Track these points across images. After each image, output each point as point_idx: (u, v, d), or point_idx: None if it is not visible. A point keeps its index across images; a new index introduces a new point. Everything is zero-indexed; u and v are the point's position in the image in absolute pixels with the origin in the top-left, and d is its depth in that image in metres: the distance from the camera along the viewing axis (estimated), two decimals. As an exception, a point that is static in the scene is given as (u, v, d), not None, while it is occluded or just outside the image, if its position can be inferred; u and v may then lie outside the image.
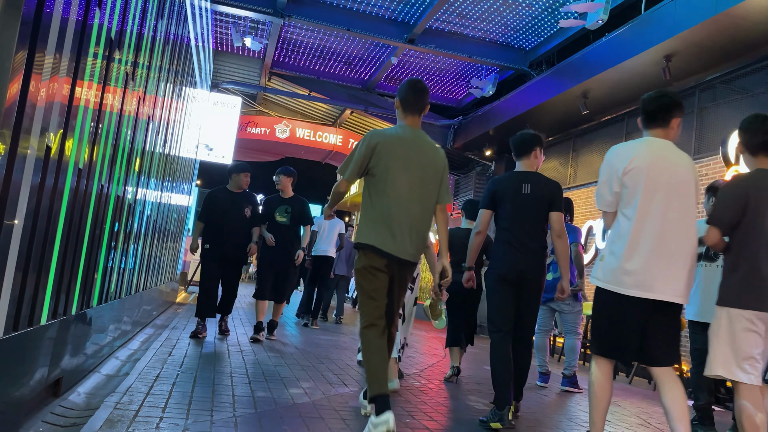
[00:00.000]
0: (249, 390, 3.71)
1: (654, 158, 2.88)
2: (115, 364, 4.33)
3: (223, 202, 6.21)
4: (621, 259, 2.82)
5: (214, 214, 6.18)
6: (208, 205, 6.27)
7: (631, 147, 2.98)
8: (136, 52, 4.25)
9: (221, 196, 6.30)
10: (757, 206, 2.83)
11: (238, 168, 6.39)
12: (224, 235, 6.09)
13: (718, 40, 6.84)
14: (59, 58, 2.45)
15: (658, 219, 2.81)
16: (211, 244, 6.10)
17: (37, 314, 2.60)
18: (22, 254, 2.29)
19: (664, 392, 2.81)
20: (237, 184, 6.33)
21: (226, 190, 6.34)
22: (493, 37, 10.89)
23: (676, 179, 2.85)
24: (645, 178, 2.83)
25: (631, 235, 2.82)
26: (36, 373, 2.65)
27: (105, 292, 4.13)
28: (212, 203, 6.26)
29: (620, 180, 2.90)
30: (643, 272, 2.77)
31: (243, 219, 6.21)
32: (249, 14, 10.31)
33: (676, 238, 2.80)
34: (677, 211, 2.82)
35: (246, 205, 6.26)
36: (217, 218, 6.14)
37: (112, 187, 3.92)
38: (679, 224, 2.82)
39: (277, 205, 6.42)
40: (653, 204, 2.81)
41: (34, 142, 2.26)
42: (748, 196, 2.84)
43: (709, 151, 7.58)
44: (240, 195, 6.32)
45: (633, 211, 2.84)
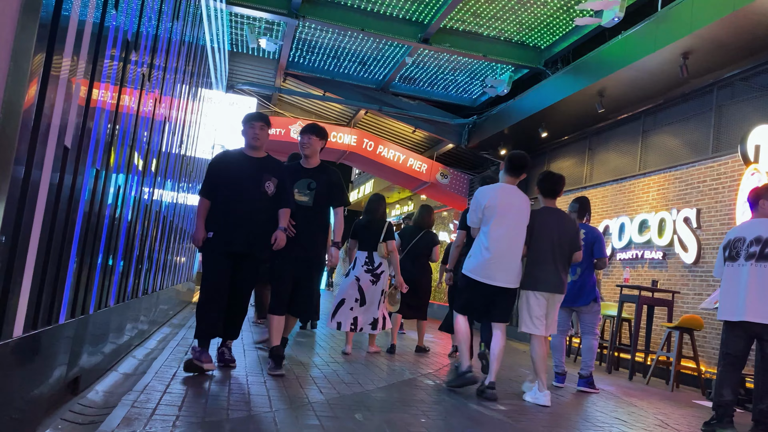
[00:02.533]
0: (264, 389, 3.73)
1: (503, 198, 4.59)
2: (133, 363, 4.37)
3: (235, 170, 4.27)
4: (479, 259, 4.52)
5: (221, 187, 4.24)
6: (213, 174, 4.31)
7: (491, 189, 4.68)
8: (153, 53, 4.29)
9: (232, 161, 4.35)
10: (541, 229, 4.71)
11: (250, 117, 4.46)
12: (234, 218, 4.18)
13: (737, 36, 6.76)
14: (77, 60, 2.48)
15: (503, 235, 4.51)
16: (217, 232, 4.19)
17: (56, 313, 2.63)
18: (41, 254, 2.31)
19: (493, 338, 4.62)
20: (250, 143, 4.36)
21: (241, 153, 4.41)
22: (508, 35, 10.84)
23: (515, 211, 4.58)
24: (497, 210, 4.53)
25: (488, 244, 4.50)
26: (55, 371, 2.69)
27: (122, 292, 4.17)
28: (219, 171, 4.29)
29: (482, 210, 4.58)
30: (490, 269, 4.48)
31: (262, 196, 4.25)
32: (264, 15, 10.35)
33: (512, 248, 4.53)
34: (514, 231, 4.55)
35: (267, 177, 4.27)
36: (225, 194, 4.22)
37: (129, 187, 3.96)
38: (514, 239, 4.55)
39: (296, 178, 4.62)
40: (500, 226, 4.51)
41: (53, 143, 2.29)
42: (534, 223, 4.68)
43: (727, 149, 7.49)
44: (260, 162, 4.33)
45: (488, 229, 4.53)
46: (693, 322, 6.39)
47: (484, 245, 4.51)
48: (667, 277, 8.14)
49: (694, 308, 7.43)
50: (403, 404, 3.85)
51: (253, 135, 4.34)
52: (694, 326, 6.39)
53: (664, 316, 7.64)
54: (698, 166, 7.96)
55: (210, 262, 4.23)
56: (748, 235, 4.29)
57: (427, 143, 15.90)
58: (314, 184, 4.58)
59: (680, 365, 6.53)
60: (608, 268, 9.23)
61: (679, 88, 8.36)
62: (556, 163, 12.00)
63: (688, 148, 8.31)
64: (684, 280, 7.84)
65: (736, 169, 7.20)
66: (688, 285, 7.75)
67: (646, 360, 7.27)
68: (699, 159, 7.98)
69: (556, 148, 11.99)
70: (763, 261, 4.15)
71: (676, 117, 8.70)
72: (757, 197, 4.42)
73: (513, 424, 3.68)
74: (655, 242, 8.44)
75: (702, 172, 7.87)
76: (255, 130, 4.33)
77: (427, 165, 14.89)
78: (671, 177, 8.47)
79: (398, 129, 15.30)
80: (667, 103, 8.82)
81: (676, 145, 8.60)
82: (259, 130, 4.34)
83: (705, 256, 7.55)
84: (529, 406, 4.35)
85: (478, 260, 4.52)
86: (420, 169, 14.83)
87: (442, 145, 15.02)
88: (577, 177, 11.06)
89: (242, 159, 4.34)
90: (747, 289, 4.16)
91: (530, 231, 4.66)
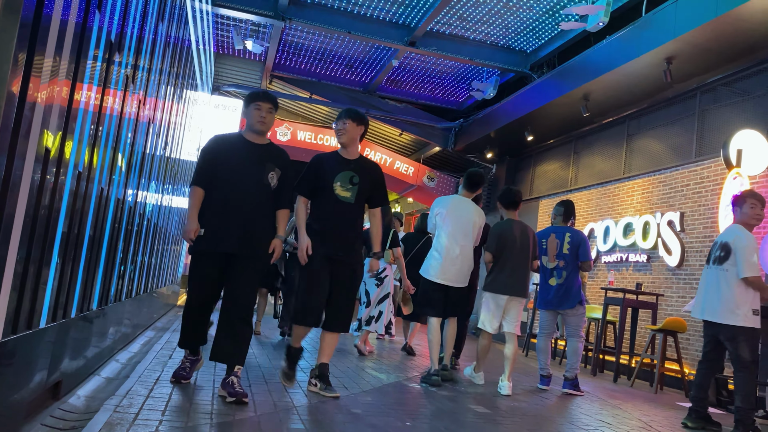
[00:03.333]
0: (249, 393, 3.70)
1: (454, 208, 5.17)
2: (115, 367, 4.32)
3: (234, 156, 3.67)
4: (431, 261, 5.14)
5: (216, 176, 3.64)
6: (208, 160, 3.68)
7: (445, 199, 5.30)
8: (137, 54, 4.26)
9: (231, 146, 3.73)
10: (506, 241, 5.22)
11: (257, 96, 3.77)
12: (230, 213, 3.58)
13: (719, 42, 6.84)
14: (59, 61, 2.45)
15: (452, 241, 5.07)
16: (209, 229, 3.56)
17: (37, 317, 2.59)
18: (21, 257, 2.28)
19: (446, 325, 5.20)
20: (254, 126, 3.74)
21: (241, 137, 3.79)
22: (494, 39, 10.89)
23: (464, 221, 5.14)
24: (448, 219, 5.11)
25: (439, 248, 5.11)
26: (35, 376, 2.65)
27: (105, 295, 4.13)
28: (215, 157, 3.68)
29: (435, 217, 5.18)
30: (441, 270, 5.06)
31: (264, 189, 3.68)
32: (250, 17, 10.32)
33: (462, 252, 5.09)
34: (463, 238, 5.10)
35: (270, 167, 3.70)
36: (220, 184, 3.63)
37: (112, 189, 3.92)
38: (463, 244, 5.09)
39: (338, 170, 3.99)
40: (451, 233, 5.08)
41: (33, 144, 2.26)
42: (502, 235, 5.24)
43: (710, 153, 7.57)
44: (263, 149, 3.75)
45: (440, 234, 5.14)
46: (676, 324, 6.44)
47: (437, 249, 5.13)
48: (651, 280, 8.21)
49: (678, 311, 7.49)
50: (388, 408, 3.84)
51: (259, 118, 3.71)
52: (677, 329, 6.44)
53: (648, 319, 7.69)
54: (682, 170, 8.04)
55: (198, 263, 3.69)
56: (720, 240, 4.60)
57: (413, 146, 15.93)
58: (357, 179, 3.98)
59: (664, 367, 6.57)
60: (593, 271, 9.29)
61: (663, 93, 8.44)
62: (541, 166, 12.06)
63: (672, 152, 8.39)
64: (668, 282, 7.91)
65: (719, 173, 7.28)
66: (672, 288, 7.81)
67: (631, 362, 7.32)
68: (683, 163, 8.06)
69: (541, 152, 12.05)
70: (720, 264, 4.46)
71: (660, 121, 8.78)
72: (737, 203, 4.62)
73: (498, 427, 3.69)
74: (640, 245, 8.51)
75: (685, 176, 7.95)
76: (262, 113, 3.70)
77: (413, 168, 14.92)
78: (655, 180, 8.54)
79: (385, 132, 15.32)
80: (652, 107, 8.90)
81: (660, 149, 8.67)
82: (267, 113, 3.72)
83: (689, 259, 7.62)
84: (514, 409, 4.36)
85: (430, 262, 5.15)
86: (407, 171, 14.85)
87: (429, 148, 15.05)
88: (563, 180, 11.13)
89: (242, 144, 3.73)
90: (707, 290, 4.54)
91: (494, 240, 5.27)
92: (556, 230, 5.69)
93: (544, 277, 5.67)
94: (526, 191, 12.39)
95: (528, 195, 12.29)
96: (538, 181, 12.12)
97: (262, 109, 3.72)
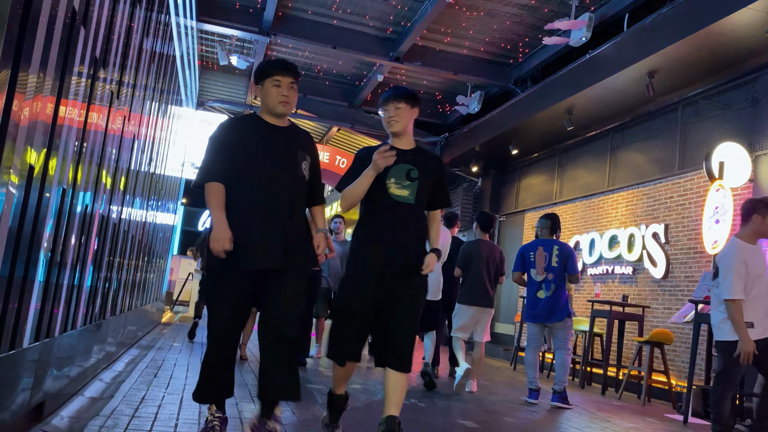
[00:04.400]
0: (236, 411, 3.65)
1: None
2: (100, 387, 4.25)
3: (258, 143, 2.94)
4: None
5: (237, 168, 2.86)
6: (223, 149, 2.89)
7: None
8: (121, 70, 4.23)
9: (251, 130, 2.98)
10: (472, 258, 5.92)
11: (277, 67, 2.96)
12: (266, 218, 2.84)
13: (700, 56, 6.95)
14: (43, 77, 2.43)
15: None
16: (236, 241, 2.75)
17: (20, 336, 2.54)
18: (4, 275, 2.24)
19: None
20: (274, 109, 2.97)
21: (259, 119, 3.02)
22: (479, 54, 10.99)
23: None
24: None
25: None
26: (18, 397, 2.59)
27: (89, 313, 4.07)
28: (233, 144, 2.90)
29: None
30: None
31: (299, 182, 2.98)
32: (235, 33, 10.33)
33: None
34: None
35: (302, 155, 3.02)
36: (243, 179, 2.86)
37: (96, 206, 3.87)
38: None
39: (401, 159, 3.15)
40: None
41: (17, 161, 2.23)
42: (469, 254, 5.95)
43: (693, 166, 7.66)
44: (288, 132, 3.05)
45: None
46: (663, 336, 6.47)
47: None
48: (637, 292, 8.25)
49: (664, 322, 7.53)
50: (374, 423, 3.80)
51: (280, 98, 2.93)
52: (664, 340, 6.47)
53: (634, 331, 7.72)
54: (665, 183, 8.12)
55: (223, 285, 2.81)
56: None
57: (399, 160, 15.94)
58: (416, 173, 3.16)
59: (651, 379, 6.59)
60: (580, 283, 9.32)
61: (645, 106, 8.54)
62: (526, 179, 12.13)
63: (655, 165, 8.48)
64: (653, 294, 7.95)
65: (702, 185, 7.36)
66: (658, 299, 7.86)
67: (618, 374, 7.33)
68: (666, 175, 8.14)
69: (526, 165, 12.13)
70: (713, 280, 4.29)
71: (643, 134, 8.88)
72: (750, 211, 4.21)
73: (488, 442, 3.67)
74: (625, 257, 8.56)
75: (669, 188, 8.03)
76: (282, 90, 2.93)
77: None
78: (639, 193, 8.62)
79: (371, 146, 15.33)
80: (634, 120, 9.00)
81: (643, 162, 8.76)
82: (289, 89, 2.95)
83: (673, 270, 7.68)
84: (503, 423, 4.34)
85: None
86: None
87: (414, 162, 15.05)
88: (547, 193, 11.19)
89: (265, 128, 2.98)
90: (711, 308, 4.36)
91: (462, 257, 5.91)
92: (543, 243, 5.70)
93: (531, 290, 5.68)
94: (512, 204, 12.44)
95: (513, 208, 12.34)
96: (524, 194, 12.18)
97: (282, 86, 2.94)
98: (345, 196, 3.17)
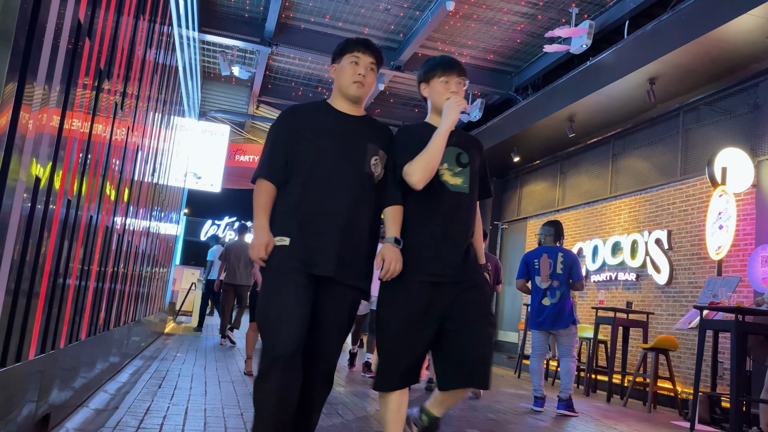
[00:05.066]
0: (242, 421, 3.64)
1: None
2: (104, 398, 4.24)
3: (325, 134, 2.55)
4: None
5: (299, 162, 2.51)
6: (285, 140, 2.54)
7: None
8: (125, 82, 4.25)
9: (318, 119, 2.59)
10: None
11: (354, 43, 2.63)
12: (322, 220, 2.45)
13: (701, 62, 6.96)
14: (49, 90, 2.44)
15: None
16: (297, 237, 2.42)
17: (26, 349, 2.54)
18: (10, 288, 2.24)
19: None
20: (347, 90, 2.59)
21: (328, 107, 2.64)
22: (479, 62, 11.02)
23: None
24: None
25: None
26: (24, 409, 2.59)
27: (94, 324, 4.07)
28: (296, 134, 2.55)
29: None
30: None
31: (367, 181, 2.55)
32: (236, 43, 10.37)
33: None
34: None
35: (374, 149, 2.58)
36: (305, 174, 2.49)
37: (101, 217, 3.88)
38: None
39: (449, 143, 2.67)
40: None
41: (23, 173, 2.24)
42: None
43: (695, 171, 7.66)
44: (361, 123, 2.65)
45: None
46: (668, 342, 6.45)
47: None
48: (641, 299, 8.23)
49: (669, 329, 7.51)
50: None
51: (356, 77, 2.55)
52: (669, 347, 6.45)
53: (639, 337, 7.70)
54: (668, 188, 8.12)
55: (286, 284, 2.33)
56: None
57: (400, 169, 15.96)
58: (466, 157, 2.67)
59: (657, 386, 6.56)
60: (583, 290, 9.31)
61: (646, 113, 8.55)
62: (528, 186, 12.14)
63: (657, 171, 8.48)
64: (657, 300, 7.93)
65: (704, 190, 7.36)
66: (662, 306, 7.84)
67: (623, 381, 7.30)
68: (668, 181, 8.14)
69: (528, 172, 12.14)
70: None
71: (644, 141, 8.89)
72: None
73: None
74: (628, 264, 8.54)
75: (671, 194, 8.03)
76: (360, 69, 2.55)
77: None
78: (642, 199, 8.61)
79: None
80: (636, 127, 9.01)
81: (645, 168, 8.76)
82: (367, 69, 2.57)
83: (677, 276, 7.66)
84: (508, 431, 4.32)
85: None
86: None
87: (416, 170, 15.07)
88: (550, 200, 11.19)
89: (334, 117, 2.58)
90: None
91: None
92: (547, 250, 5.70)
93: (536, 298, 5.67)
94: (514, 212, 12.44)
95: (516, 215, 12.34)
96: (526, 201, 12.18)
97: (360, 64, 2.56)
98: (418, 165, 2.53)
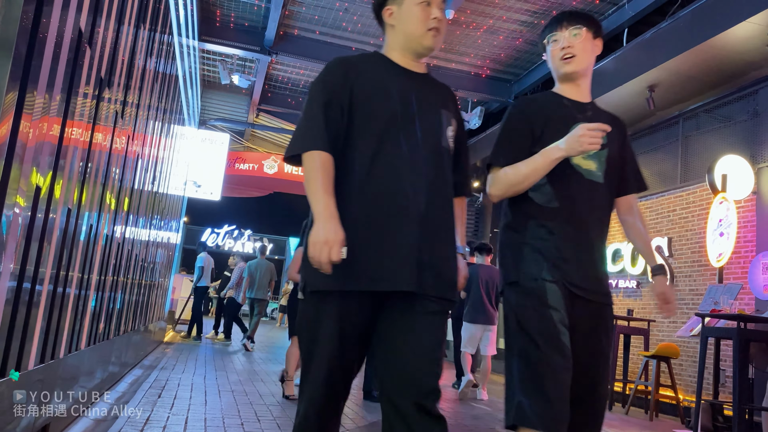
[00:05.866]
0: None
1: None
2: (104, 408, 4.22)
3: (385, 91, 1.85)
4: None
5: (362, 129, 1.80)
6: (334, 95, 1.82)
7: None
8: (126, 90, 4.25)
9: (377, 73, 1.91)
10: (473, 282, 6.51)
11: None
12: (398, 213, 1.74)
13: (701, 69, 6.97)
14: (49, 98, 2.43)
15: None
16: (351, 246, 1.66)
17: (26, 359, 2.53)
18: (10, 297, 2.23)
19: None
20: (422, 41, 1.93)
21: (388, 60, 2.00)
22: (480, 70, 11.04)
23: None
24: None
25: None
26: (23, 420, 2.57)
27: (93, 334, 4.05)
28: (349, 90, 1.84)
29: None
30: None
31: (443, 156, 1.89)
32: (236, 52, 10.39)
33: None
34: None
35: (447, 114, 1.95)
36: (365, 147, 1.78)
37: (101, 226, 3.87)
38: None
39: (571, 121, 2.09)
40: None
41: (24, 182, 2.23)
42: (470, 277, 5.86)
43: (695, 178, 7.66)
44: (425, 82, 2.00)
45: None
46: (669, 350, 6.42)
47: None
48: (642, 306, 8.21)
49: (670, 336, 7.48)
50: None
51: (430, 20, 1.91)
52: (670, 354, 6.42)
53: (640, 345, 7.67)
54: (668, 196, 8.12)
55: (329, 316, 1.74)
56: None
57: (400, 176, 15.95)
58: (604, 139, 2.05)
59: (658, 394, 6.54)
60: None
61: (646, 120, 8.56)
62: (528, 194, 12.13)
63: (657, 178, 8.48)
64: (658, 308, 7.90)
65: (705, 198, 7.35)
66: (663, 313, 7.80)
67: (625, 389, 7.27)
68: (668, 189, 8.14)
69: (528, 180, 12.13)
70: None
71: (644, 148, 8.89)
72: None
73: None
74: (629, 271, 8.53)
75: (672, 202, 8.02)
76: (434, 11, 1.91)
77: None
78: (642, 206, 8.60)
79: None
80: (635, 134, 9.01)
81: (645, 175, 8.62)
82: (441, 10, 1.92)
83: (678, 284, 7.64)
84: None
85: None
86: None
87: (416, 178, 15.07)
88: (550, 208, 11.19)
89: (396, 72, 1.95)
90: None
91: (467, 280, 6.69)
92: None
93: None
94: (514, 219, 12.42)
95: (516, 223, 12.32)
96: (526, 209, 12.17)
97: (433, 5, 1.91)
98: (505, 180, 2.01)
